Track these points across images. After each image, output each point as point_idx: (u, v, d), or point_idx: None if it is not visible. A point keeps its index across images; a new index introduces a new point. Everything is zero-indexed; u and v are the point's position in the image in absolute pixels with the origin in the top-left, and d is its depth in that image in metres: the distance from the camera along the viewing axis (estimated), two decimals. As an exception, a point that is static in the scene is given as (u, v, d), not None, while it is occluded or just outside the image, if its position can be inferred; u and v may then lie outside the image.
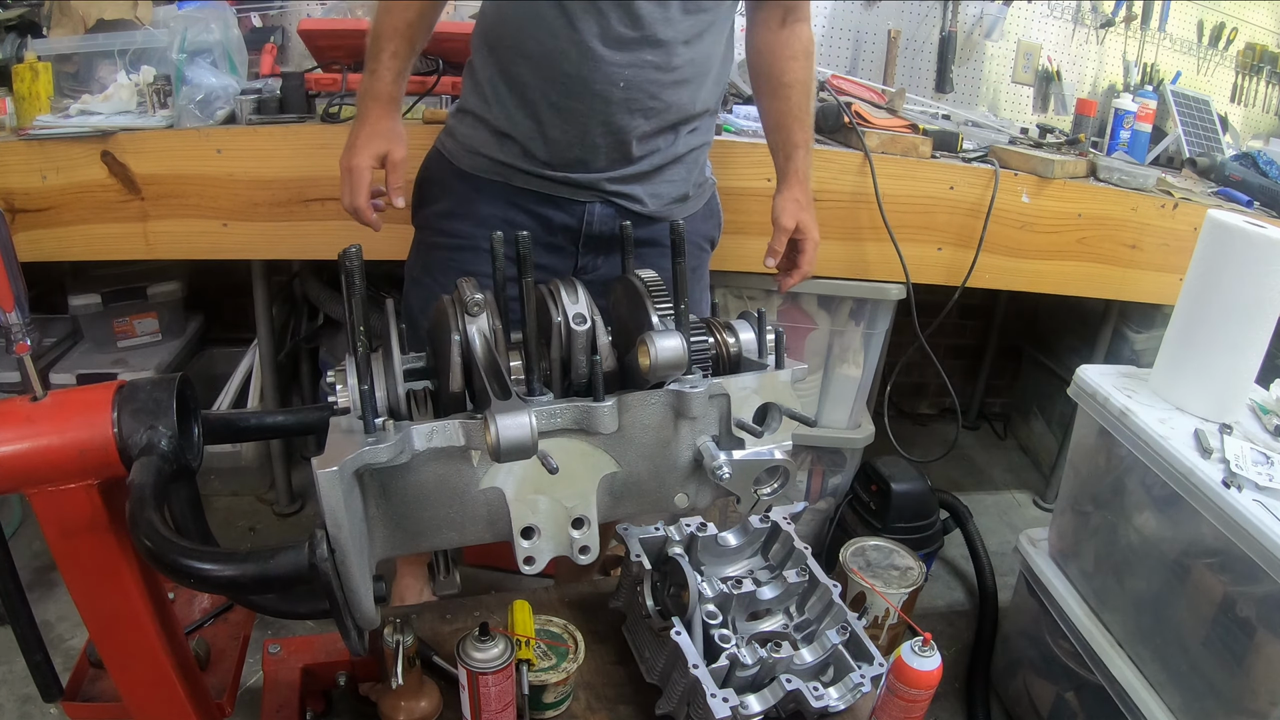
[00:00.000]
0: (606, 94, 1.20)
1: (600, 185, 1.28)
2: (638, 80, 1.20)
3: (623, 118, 1.22)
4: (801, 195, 1.42)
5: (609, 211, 1.30)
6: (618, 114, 1.22)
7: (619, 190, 1.29)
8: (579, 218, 1.29)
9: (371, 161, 1.20)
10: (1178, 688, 1.36)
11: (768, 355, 0.94)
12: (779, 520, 1.24)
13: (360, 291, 0.80)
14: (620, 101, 1.21)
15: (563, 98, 1.21)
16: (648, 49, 1.19)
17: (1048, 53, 2.71)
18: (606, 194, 1.29)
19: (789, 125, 1.41)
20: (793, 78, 1.39)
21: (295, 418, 1.01)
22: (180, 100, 1.67)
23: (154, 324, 2.23)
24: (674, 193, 1.35)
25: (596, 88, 1.19)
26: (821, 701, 1.05)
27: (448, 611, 1.27)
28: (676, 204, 1.36)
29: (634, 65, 1.19)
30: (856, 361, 2.11)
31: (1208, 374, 1.44)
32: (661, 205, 1.34)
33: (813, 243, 1.44)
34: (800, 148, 1.42)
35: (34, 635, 0.89)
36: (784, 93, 1.40)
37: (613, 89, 1.20)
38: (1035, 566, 1.71)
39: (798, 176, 1.42)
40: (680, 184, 1.35)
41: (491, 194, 1.29)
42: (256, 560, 0.71)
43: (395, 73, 1.23)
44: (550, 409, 0.84)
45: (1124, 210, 1.99)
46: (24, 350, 0.83)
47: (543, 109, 1.23)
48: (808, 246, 1.44)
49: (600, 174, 1.27)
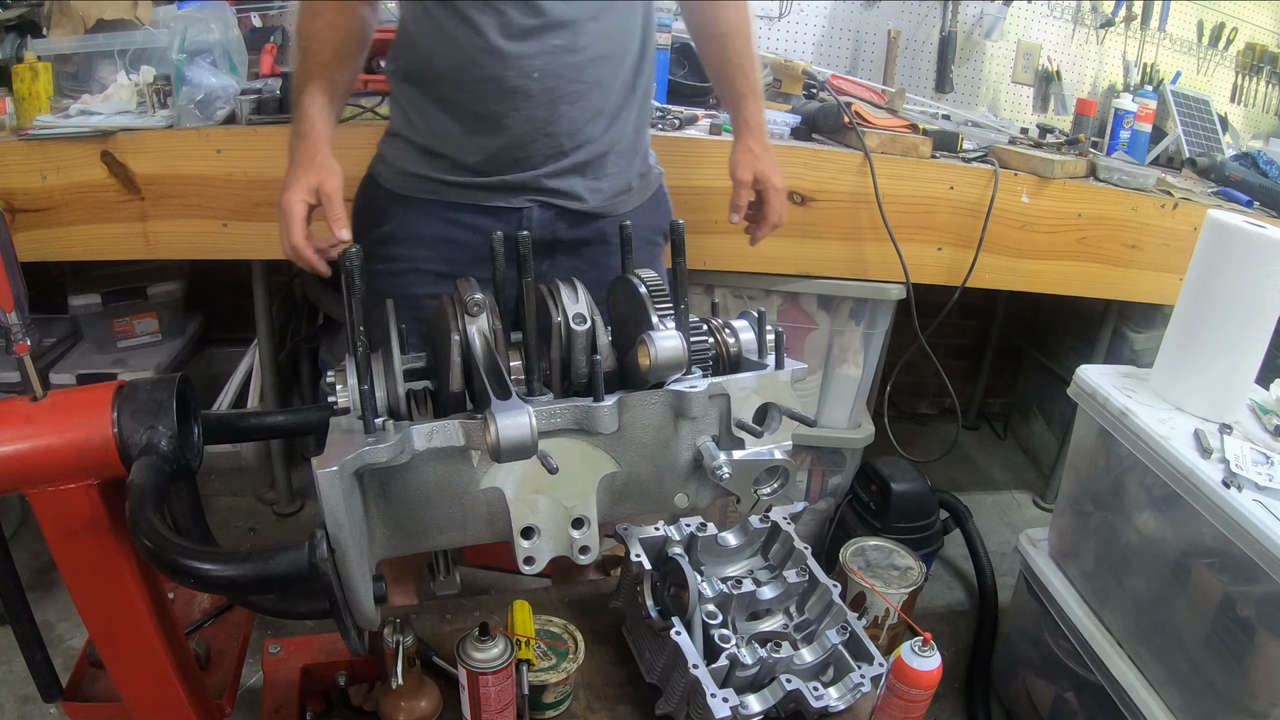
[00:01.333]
0: (523, 88, 1.17)
1: (538, 183, 1.24)
2: (552, 67, 1.18)
3: (546, 109, 1.19)
4: (755, 144, 1.37)
5: (547, 215, 1.27)
6: (539, 106, 1.19)
7: (557, 187, 1.25)
8: (516, 225, 1.26)
9: (305, 197, 1.14)
10: (1178, 688, 1.36)
11: (768, 355, 0.94)
12: (779, 520, 1.24)
13: (360, 291, 0.80)
14: (539, 93, 1.18)
15: (482, 103, 1.19)
16: (553, 33, 1.16)
17: (1048, 53, 2.71)
18: (545, 191, 1.25)
19: (730, 75, 1.38)
20: (726, 25, 1.35)
21: (295, 418, 1.01)
22: (180, 100, 1.67)
23: (154, 324, 2.23)
24: (614, 186, 1.31)
25: (511, 84, 1.17)
26: (821, 701, 1.05)
27: (448, 611, 1.27)
28: (619, 197, 1.32)
29: (544, 53, 1.17)
30: (856, 361, 2.11)
31: (1208, 374, 1.44)
32: (603, 200, 1.30)
33: (775, 190, 1.39)
34: (747, 95, 1.38)
35: (34, 635, 0.89)
36: (720, 42, 1.37)
37: (528, 82, 1.17)
38: (1035, 566, 1.71)
39: (748, 126, 1.38)
40: (621, 176, 1.31)
41: (426, 213, 1.26)
42: (256, 560, 0.71)
43: (319, 109, 1.19)
44: (550, 409, 0.84)
45: (1124, 210, 1.99)
46: (24, 350, 0.83)
47: (466, 119, 1.21)
48: (771, 196, 1.39)
49: (536, 171, 1.24)
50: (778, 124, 1.94)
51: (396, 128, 1.29)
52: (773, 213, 1.41)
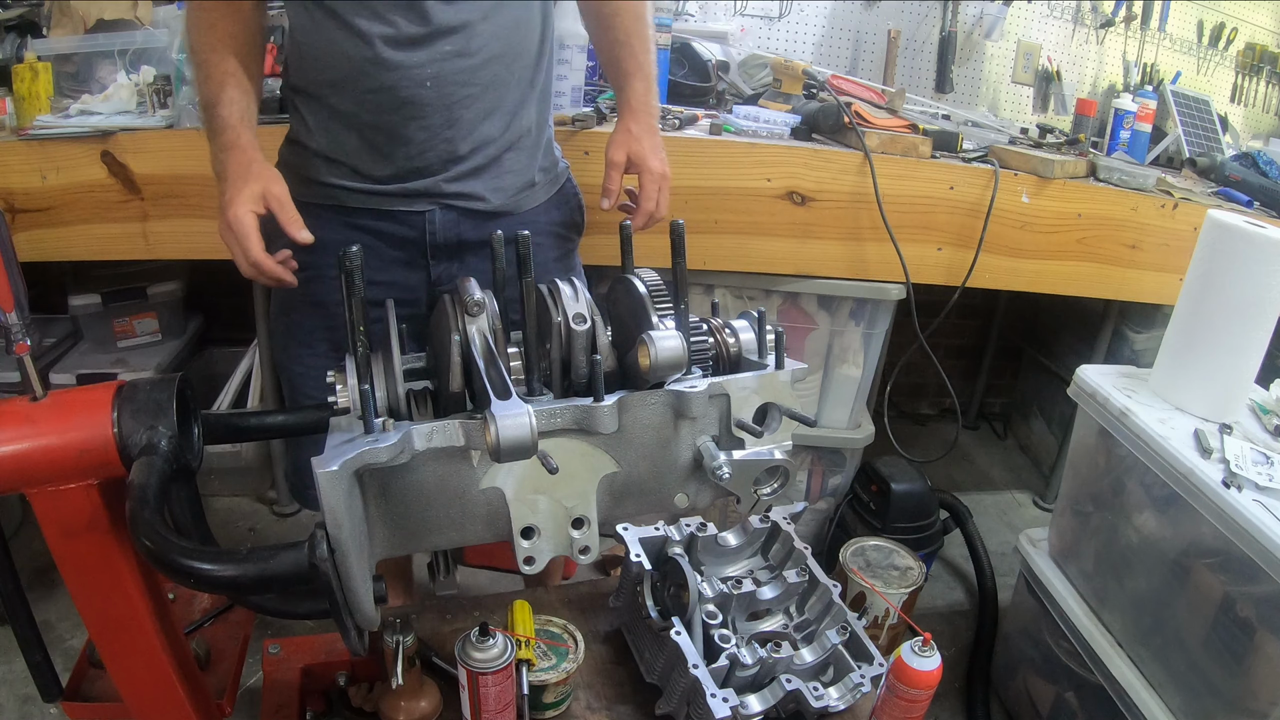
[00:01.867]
0: (416, 97, 1.15)
1: (438, 189, 1.22)
2: (444, 74, 1.15)
3: (441, 115, 1.17)
4: (635, 126, 1.29)
5: (450, 216, 1.25)
6: (435, 114, 1.17)
7: (458, 190, 1.23)
8: (420, 228, 1.24)
9: (253, 207, 1.08)
10: (1178, 688, 1.36)
11: (768, 355, 0.94)
12: (779, 520, 1.24)
13: (360, 291, 0.80)
14: (433, 101, 1.16)
15: (375, 113, 1.16)
16: (443, 39, 1.13)
17: (1048, 53, 2.71)
18: (446, 195, 1.23)
19: (617, 55, 1.31)
20: (614, 6, 1.30)
21: (295, 418, 1.01)
22: (180, 100, 1.67)
23: (154, 324, 2.23)
24: (516, 183, 1.28)
25: (404, 94, 1.14)
26: (821, 701, 1.05)
27: (448, 611, 1.27)
28: (522, 194, 1.30)
29: (435, 60, 1.14)
30: (856, 361, 2.11)
31: (1208, 374, 1.44)
32: (506, 198, 1.28)
33: (650, 174, 1.28)
34: (632, 76, 1.30)
35: (34, 635, 0.89)
36: (608, 22, 1.31)
37: (421, 91, 1.15)
38: (1035, 566, 1.71)
39: (629, 107, 1.30)
40: (523, 172, 1.29)
41: (328, 219, 1.23)
42: (256, 560, 0.71)
43: (239, 116, 1.14)
44: (550, 409, 0.84)
45: (1124, 210, 1.99)
46: (24, 350, 0.83)
47: (363, 129, 1.19)
48: (646, 180, 1.28)
49: (435, 177, 1.21)
50: (777, 124, 1.94)
51: (295, 134, 1.27)
52: (647, 199, 1.29)
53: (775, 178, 1.81)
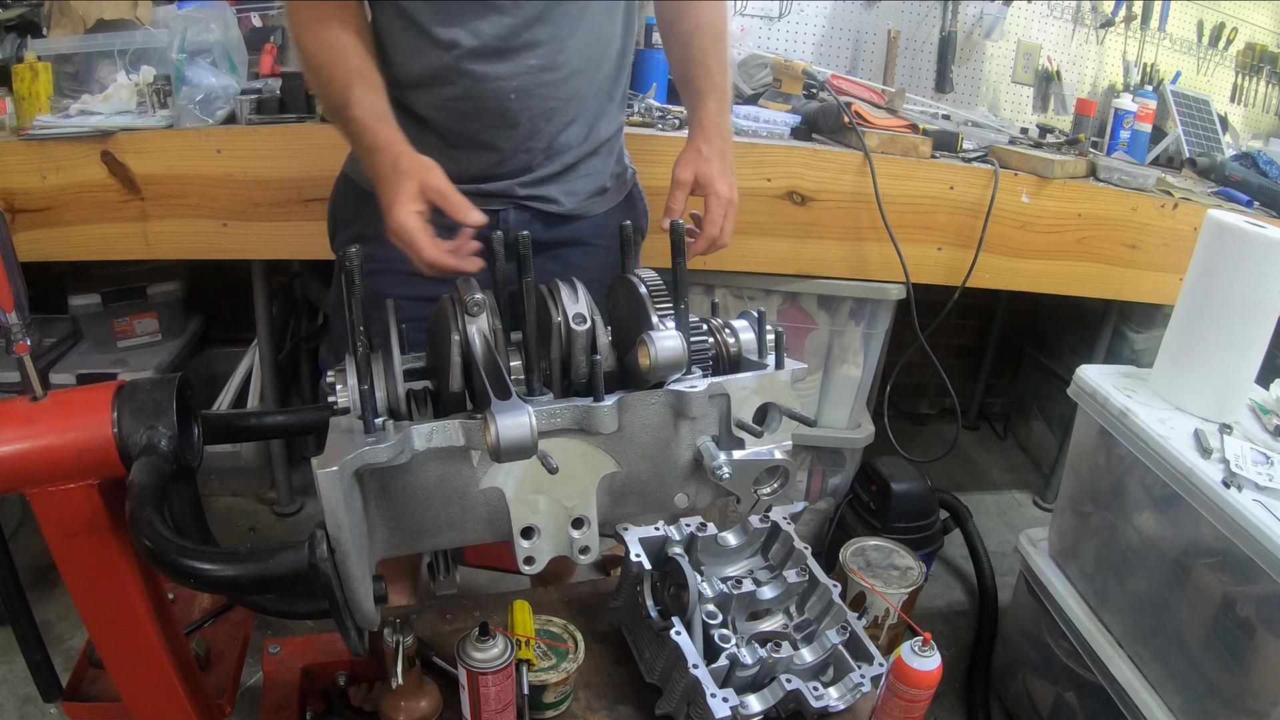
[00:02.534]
0: (499, 110, 1.15)
1: (512, 191, 1.23)
2: (528, 87, 1.15)
3: (523, 126, 1.18)
4: (705, 147, 1.25)
5: (523, 216, 1.25)
6: (519, 125, 1.18)
7: (533, 193, 1.24)
8: (492, 227, 1.21)
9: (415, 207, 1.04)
10: (1178, 688, 1.36)
11: (768, 355, 0.94)
12: (779, 520, 1.24)
13: (360, 291, 0.80)
14: (516, 112, 1.16)
15: (457, 120, 1.17)
16: (529, 53, 1.14)
17: (1048, 53, 2.71)
18: (520, 198, 1.24)
19: (691, 73, 1.29)
20: (694, 24, 1.28)
21: (295, 418, 1.01)
22: (180, 100, 1.67)
23: (154, 324, 2.23)
24: (590, 187, 1.29)
25: (485, 104, 1.15)
26: (821, 701, 1.05)
27: (448, 611, 1.27)
28: (595, 198, 1.31)
29: (520, 74, 1.14)
30: (856, 361, 2.11)
31: (1208, 374, 1.44)
32: (579, 202, 1.29)
33: (717, 197, 1.23)
34: (706, 96, 1.27)
35: (34, 635, 0.89)
36: (685, 40, 1.29)
37: (504, 103, 1.15)
38: (1035, 566, 1.71)
39: (701, 127, 1.27)
40: (596, 177, 1.30)
41: None
42: (256, 560, 0.71)
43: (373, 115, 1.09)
44: (550, 409, 0.84)
45: (1124, 210, 1.99)
46: (24, 350, 0.83)
47: (441, 132, 1.19)
48: (712, 203, 1.23)
49: (512, 180, 1.22)
50: (777, 124, 1.94)
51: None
52: (712, 224, 1.24)
53: (775, 178, 1.81)
